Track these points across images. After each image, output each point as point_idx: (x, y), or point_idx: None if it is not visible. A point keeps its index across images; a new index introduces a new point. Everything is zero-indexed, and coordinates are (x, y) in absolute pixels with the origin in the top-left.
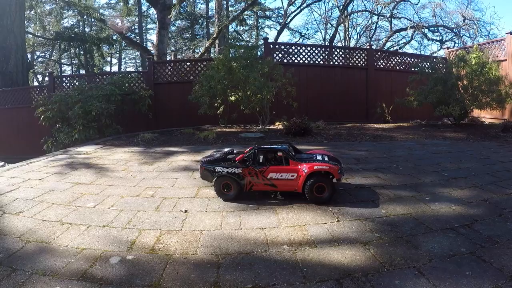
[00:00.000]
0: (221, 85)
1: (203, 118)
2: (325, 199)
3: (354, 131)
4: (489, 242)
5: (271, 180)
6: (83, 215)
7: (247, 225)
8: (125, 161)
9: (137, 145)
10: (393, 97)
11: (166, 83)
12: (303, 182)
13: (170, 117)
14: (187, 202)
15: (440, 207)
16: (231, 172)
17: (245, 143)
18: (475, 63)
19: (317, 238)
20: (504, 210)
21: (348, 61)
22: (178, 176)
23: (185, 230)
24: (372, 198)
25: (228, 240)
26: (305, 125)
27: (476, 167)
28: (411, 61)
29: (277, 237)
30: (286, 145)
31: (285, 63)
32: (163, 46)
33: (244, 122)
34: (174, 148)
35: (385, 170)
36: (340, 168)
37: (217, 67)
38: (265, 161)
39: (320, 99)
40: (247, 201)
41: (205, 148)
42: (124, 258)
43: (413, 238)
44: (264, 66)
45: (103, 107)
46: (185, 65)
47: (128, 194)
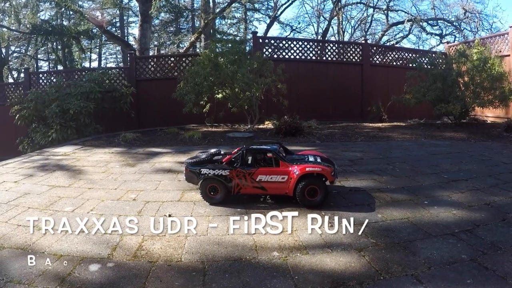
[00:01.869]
0: (207, 81)
1: (188, 117)
2: (318, 202)
3: (348, 130)
4: (491, 249)
5: (260, 183)
6: (61, 220)
7: (235, 230)
8: (106, 163)
9: (118, 145)
10: (389, 94)
11: (149, 79)
12: (294, 184)
13: (153, 116)
14: (171, 206)
15: (439, 211)
16: (217, 174)
17: (232, 143)
18: (477, 59)
19: (309, 244)
20: (507, 214)
21: (342, 57)
22: (161, 179)
23: (169, 236)
24: (367, 201)
25: (214, 246)
26: (296, 125)
27: (478, 169)
28: (409, 56)
29: (266, 243)
30: (276, 146)
31: (275, 58)
32: (145, 40)
33: (231, 121)
34: (157, 148)
35: (381, 172)
36: (334, 170)
37: (203, 62)
38: (254, 162)
39: (313, 97)
40: (235, 205)
41: (190, 148)
42: (105, 265)
43: (411, 244)
44: (253, 61)
45: (81, 105)
46: (169, 60)
47: (109, 197)
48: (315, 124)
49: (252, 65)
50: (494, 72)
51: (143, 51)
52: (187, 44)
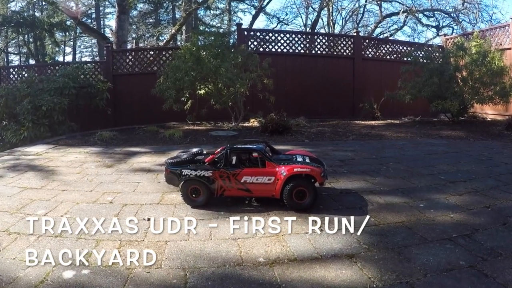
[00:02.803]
0: (189, 76)
1: (169, 114)
2: (306, 205)
3: (339, 128)
4: (491, 255)
5: (245, 184)
6: (33, 224)
7: (218, 235)
8: (80, 163)
9: (93, 144)
10: (383, 90)
11: (127, 74)
12: (281, 186)
13: (131, 113)
14: (150, 209)
15: (436, 214)
16: (200, 175)
17: (215, 142)
18: (476, 52)
19: (298, 250)
20: (508, 218)
21: (333, 50)
22: (140, 180)
23: (148, 241)
24: (359, 204)
25: (196, 252)
26: (283, 122)
27: (477, 170)
28: (404, 49)
29: (252, 249)
30: (262, 145)
31: (261, 52)
32: (123, 32)
33: (214, 118)
34: (135, 148)
35: (374, 173)
36: (323, 170)
37: (184, 56)
38: (238, 162)
39: (301, 93)
40: (218, 208)
41: (171, 148)
42: (79, 272)
43: (405, 249)
44: (237, 55)
45: (55, 101)
46: (148, 54)
47: (84, 200)
48: (303, 121)
49: (236, 59)
50: (494, 66)
51: (120, 44)
52: (167, 37)
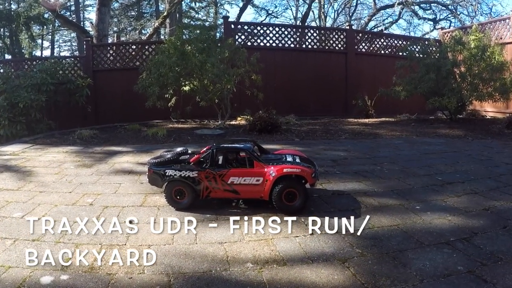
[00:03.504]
0: (173, 72)
1: (152, 112)
2: (297, 207)
3: (331, 127)
4: (491, 259)
5: (232, 186)
6: (9, 227)
7: (204, 239)
8: (59, 163)
9: (73, 143)
10: (377, 86)
11: (108, 70)
12: (270, 187)
13: (113, 110)
14: (132, 211)
15: (433, 217)
16: (184, 175)
17: (201, 141)
18: (475, 46)
19: (287, 255)
20: (508, 221)
21: (324, 44)
22: (121, 181)
23: (129, 245)
24: (352, 206)
25: (181, 257)
26: (272, 120)
27: (476, 170)
28: (399, 44)
29: (239, 253)
30: (250, 144)
31: (249, 46)
32: (104, 26)
33: (200, 116)
34: (117, 147)
35: (368, 173)
36: (314, 171)
37: (168, 51)
38: (225, 163)
39: (291, 89)
40: (204, 211)
41: (154, 147)
42: (58, 278)
43: (401, 254)
44: (224, 50)
45: (32, 98)
46: (130, 48)
47: (63, 202)
48: (293, 119)
49: (223, 53)
50: (494, 61)
51: (101, 38)
52: (151, 31)
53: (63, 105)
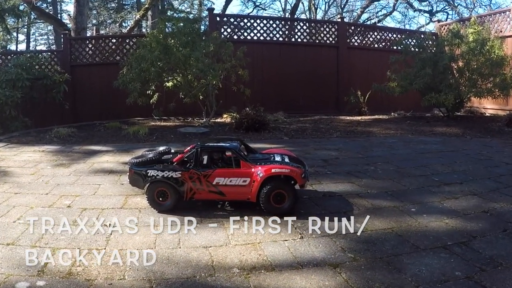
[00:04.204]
0: (155, 67)
1: (133, 109)
2: (286, 210)
3: (321, 125)
4: (490, 264)
5: (218, 187)
6: None
7: (188, 243)
8: (35, 163)
9: (50, 142)
10: (370, 82)
11: (87, 65)
12: (257, 188)
13: (92, 107)
14: (112, 213)
15: (429, 220)
16: (167, 176)
17: (185, 140)
18: (473, 40)
19: (275, 259)
20: (509, 224)
21: (315, 38)
22: (101, 182)
23: (110, 249)
24: (344, 209)
25: (164, 261)
26: (260, 118)
27: (475, 170)
28: (393, 37)
29: (225, 257)
30: (237, 143)
31: (236, 39)
32: (82, 18)
33: (184, 114)
34: (96, 146)
35: (361, 174)
36: (304, 171)
37: (150, 45)
38: (210, 162)
39: (280, 85)
40: (188, 213)
41: (135, 146)
42: (34, 284)
43: (395, 259)
44: (209, 43)
45: (7, 94)
46: (110, 42)
47: (39, 204)
48: (282, 117)
49: (208, 47)
50: (494, 55)
51: (79, 31)
52: (132, 23)
53: (39, 101)
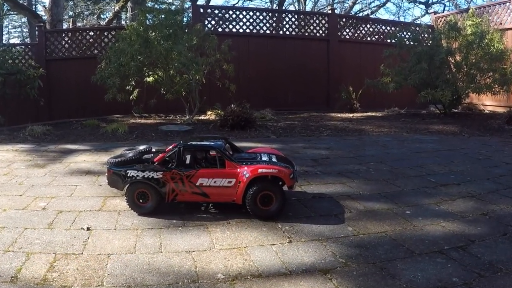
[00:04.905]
0: (135, 61)
1: (112, 106)
2: (273, 212)
3: (311, 122)
4: (490, 270)
5: (202, 188)
6: None
7: (170, 248)
8: (8, 163)
9: (24, 141)
10: (362, 77)
11: (63, 59)
12: (243, 190)
13: (68, 104)
14: (90, 216)
15: (425, 223)
16: (148, 177)
17: (166, 138)
18: (472, 33)
19: (262, 265)
20: (509, 227)
21: (304, 30)
22: (78, 183)
23: (87, 254)
24: (335, 211)
25: (144, 267)
26: (246, 115)
27: (473, 171)
28: (387, 30)
29: (209, 263)
30: (221, 142)
31: (220, 32)
32: (58, 10)
33: (165, 111)
34: (73, 145)
35: (353, 174)
36: (293, 171)
37: (129, 38)
38: (193, 162)
39: (267, 80)
40: (170, 216)
41: (114, 145)
42: None
43: (389, 264)
44: (192, 36)
45: None
46: (88, 35)
47: (12, 206)
48: (270, 114)
49: (191, 40)
50: (493, 49)
51: (55, 23)
52: (110, 15)
53: (12, 98)
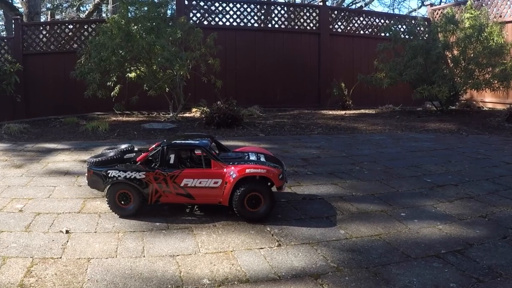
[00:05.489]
0: (117, 56)
1: (92, 103)
2: (261, 214)
3: (301, 120)
4: (489, 275)
5: (186, 189)
6: None
7: (153, 252)
8: None
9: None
10: (355, 72)
11: (41, 53)
12: (230, 191)
13: (46, 101)
14: (69, 219)
15: (420, 226)
16: (130, 177)
17: (149, 137)
18: (470, 26)
19: (250, 270)
20: (509, 230)
21: (294, 23)
22: (56, 183)
23: (66, 258)
24: (326, 213)
25: (126, 272)
26: (233, 112)
27: (471, 171)
28: (381, 23)
29: (194, 267)
30: (207, 140)
31: (206, 25)
32: (35, 2)
33: (148, 108)
34: (51, 144)
35: (345, 174)
36: (282, 171)
37: (110, 31)
38: (177, 162)
39: (255, 76)
40: (153, 218)
41: (95, 144)
42: None
43: (383, 269)
44: (176, 29)
45: None
46: (67, 28)
47: None
48: (258, 111)
49: (175, 34)
50: (493, 43)
51: (32, 16)
52: (90, 7)
53: None
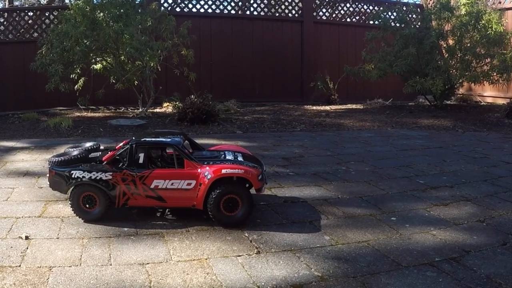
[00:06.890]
0: (81, 46)
1: (54, 97)
2: (239, 219)
3: (282, 116)
4: (487, 285)
5: (157, 191)
6: None
7: (121, 259)
8: None
9: None
10: (341, 64)
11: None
12: (205, 193)
13: (3, 95)
14: (29, 223)
15: (412, 231)
16: (95, 178)
17: (117, 134)
18: (466, 13)
19: (226, 279)
20: (509, 236)
21: (274, 10)
22: (15, 185)
23: (26, 267)
24: (310, 218)
25: (91, 281)
26: (208, 107)
27: (468, 171)
28: (370, 9)
29: (165, 277)
30: (179, 138)
31: (178, 13)
32: None
33: (115, 102)
34: (9, 142)
35: (330, 175)
36: (262, 172)
37: (74, 19)
38: (147, 162)
39: (232, 68)
40: (121, 223)
41: (57, 142)
42: None
43: (372, 278)
44: (146, 17)
45: None
46: (27, 15)
47: None
48: (235, 106)
49: (145, 22)
50: (491, 31)
51: None
52: None
53: None
